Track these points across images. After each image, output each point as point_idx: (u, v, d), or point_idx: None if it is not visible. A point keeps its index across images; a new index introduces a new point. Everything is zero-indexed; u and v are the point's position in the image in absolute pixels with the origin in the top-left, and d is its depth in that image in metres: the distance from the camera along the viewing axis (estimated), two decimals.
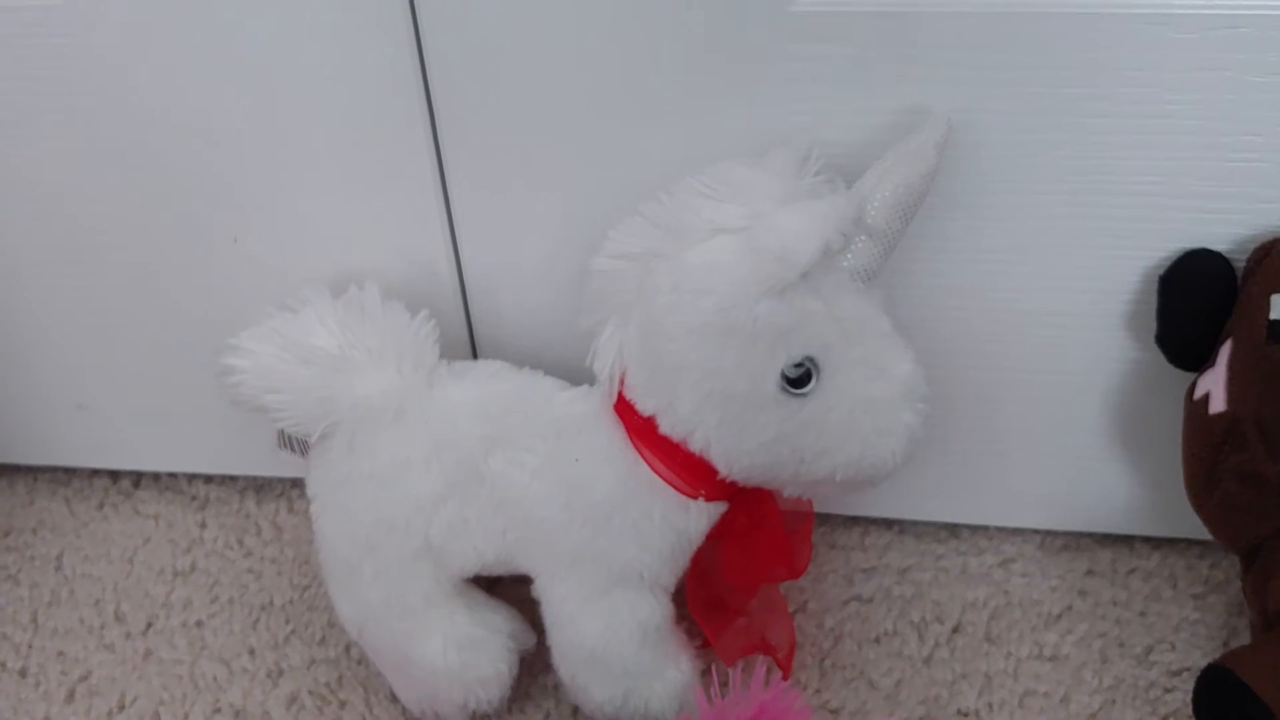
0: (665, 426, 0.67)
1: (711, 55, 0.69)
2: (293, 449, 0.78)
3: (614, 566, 0.71)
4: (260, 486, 0.94)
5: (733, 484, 0.70)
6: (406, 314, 0.74)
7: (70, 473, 0.96)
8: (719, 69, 0.69)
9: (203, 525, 0.92)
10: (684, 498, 0.69)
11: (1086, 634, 0.81)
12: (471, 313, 0.82)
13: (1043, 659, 0.80)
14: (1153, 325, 0.73)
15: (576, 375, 0.72)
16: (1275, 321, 0.67)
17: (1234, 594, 0.82)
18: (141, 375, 0.88)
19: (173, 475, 0.95)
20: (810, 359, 0.64)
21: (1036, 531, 0.87)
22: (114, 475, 0.95)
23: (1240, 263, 0.71)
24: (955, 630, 0.82)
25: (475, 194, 0.76)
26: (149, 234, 0.81)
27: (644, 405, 0.68)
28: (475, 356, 0.83)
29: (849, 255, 0.65)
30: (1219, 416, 0.68)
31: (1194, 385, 0.71)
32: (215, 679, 0.82)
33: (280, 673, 0.82)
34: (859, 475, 0.67)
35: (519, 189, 0.76)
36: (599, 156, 0.73)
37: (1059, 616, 0.82)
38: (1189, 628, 0.81)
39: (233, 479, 0.94)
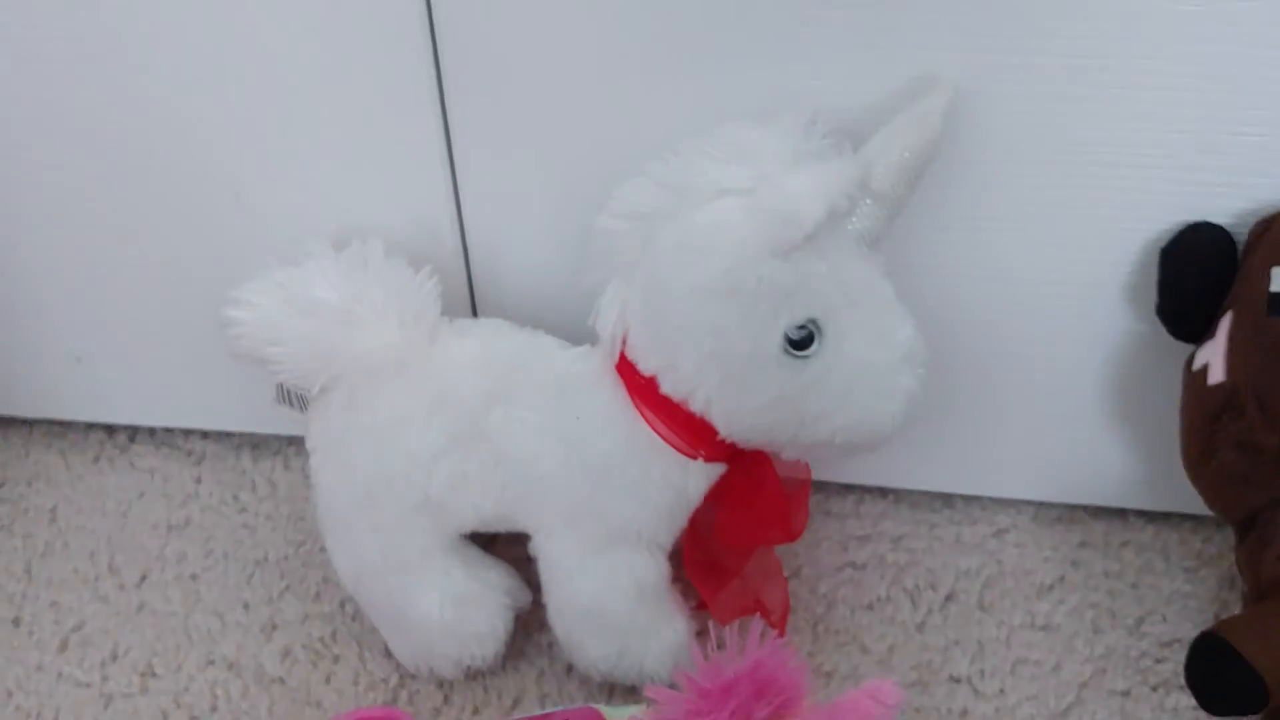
0: (667, 386, 0.68)
1: (720, 16, 0.69)
2: (292, 404, 0.77)
3: (612, 524, 0.71)
4: (256, 443, 0.94)
5: (732, 445, 0.70)
6: (409, 269, 0.74)
7: (66, 426, 0.95)
8: (727, 30, 0.69)
9: (198, 480, 0.91)
10: (683, 457, 0.70)
11: (1079, 604, 0.81)
12: (473, 271, 0.81)
13: (1035, 628, 0.80)
14: (1153, 297, 0.73)
15: (578, 335, 0.72)
16: (1276, 294, 0.67)
17: (1226, 568, 0.82)
18: (140, 329, 0.88)
19: (169, 430, 0.95)
20: (813, 321, 0.64)
21: (1030, 503, 0.87)
22: (110, 429, 0.95)
23: (1241, 236, 0.71)
24: (948, 598, 0.82)
25: (479, 151, 0.76)
26: (151, 186, 0.81)
27: (646, 365, 0.68)
28: (476, 315, 0.83)
29: (854, 219, 0.65)
30: (1218, 387, 0.68)
31: (1193, 356, 0.71)
32: (209, 631, 0.82)
33: (274, 626, 0.82)
34: (858, 438, 0.68)
35: (523, 147, 0.76)
36: (605, 115, 0.73)
37: (1051, 587, 0.82)
38: (1180, 600, 0.81)
39: (229, 435, 0.94)
